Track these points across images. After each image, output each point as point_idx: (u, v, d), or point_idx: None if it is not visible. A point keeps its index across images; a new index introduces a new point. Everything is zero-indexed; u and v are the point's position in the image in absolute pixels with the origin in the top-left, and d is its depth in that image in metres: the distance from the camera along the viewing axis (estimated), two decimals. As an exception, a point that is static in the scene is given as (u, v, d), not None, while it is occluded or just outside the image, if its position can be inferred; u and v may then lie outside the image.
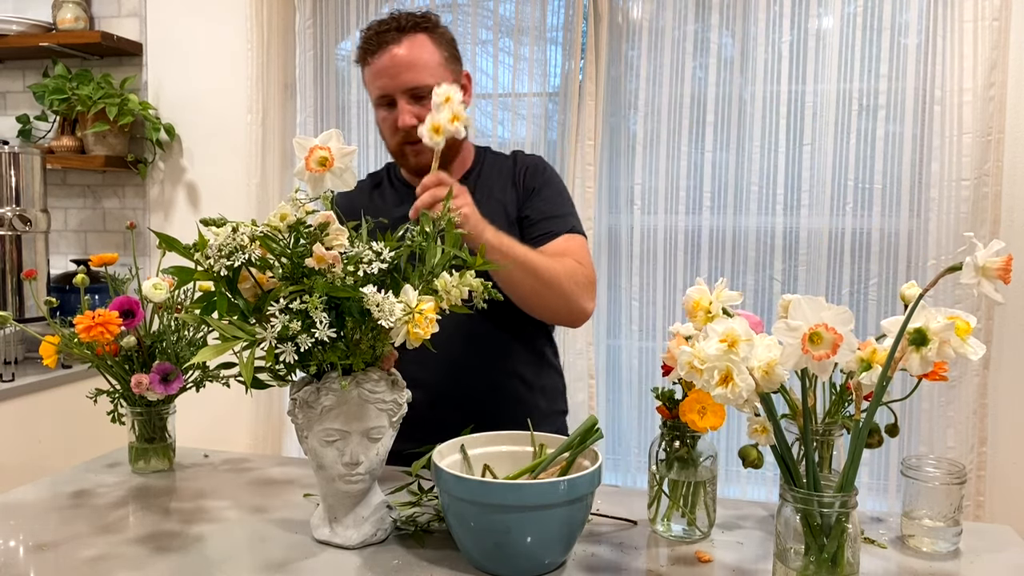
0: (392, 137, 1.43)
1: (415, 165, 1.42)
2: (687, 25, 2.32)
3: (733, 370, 0.80)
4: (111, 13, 2.75)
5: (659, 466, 1.06)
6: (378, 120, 1.45)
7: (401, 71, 1.37)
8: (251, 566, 0.97)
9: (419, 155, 1.40)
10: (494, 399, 1.44)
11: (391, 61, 1.37)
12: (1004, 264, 0.79)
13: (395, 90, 1.38)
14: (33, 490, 1.25)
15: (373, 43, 1.39)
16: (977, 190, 2.09)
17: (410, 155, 1.42)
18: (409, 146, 1.41)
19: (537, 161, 1.53)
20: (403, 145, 1.41)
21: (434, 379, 1.37)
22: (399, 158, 1.47)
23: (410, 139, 1.39)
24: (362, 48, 1.42)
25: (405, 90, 1.38)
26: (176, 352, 1.27)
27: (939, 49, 2.14)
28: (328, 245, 0.94)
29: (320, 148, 0.93)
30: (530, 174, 1.49)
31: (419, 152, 1.40)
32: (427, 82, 1.36)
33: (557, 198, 1.48)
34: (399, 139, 1.41)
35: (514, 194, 1.48)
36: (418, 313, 0.92)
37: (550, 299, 1.34)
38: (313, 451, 1.00)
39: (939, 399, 2.15)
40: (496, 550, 0.92)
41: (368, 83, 1.43)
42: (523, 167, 1.51)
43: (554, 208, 1.46)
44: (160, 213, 2.77)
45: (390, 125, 1.41)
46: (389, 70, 1.38)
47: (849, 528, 0.81)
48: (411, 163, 1.43)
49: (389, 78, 1.38)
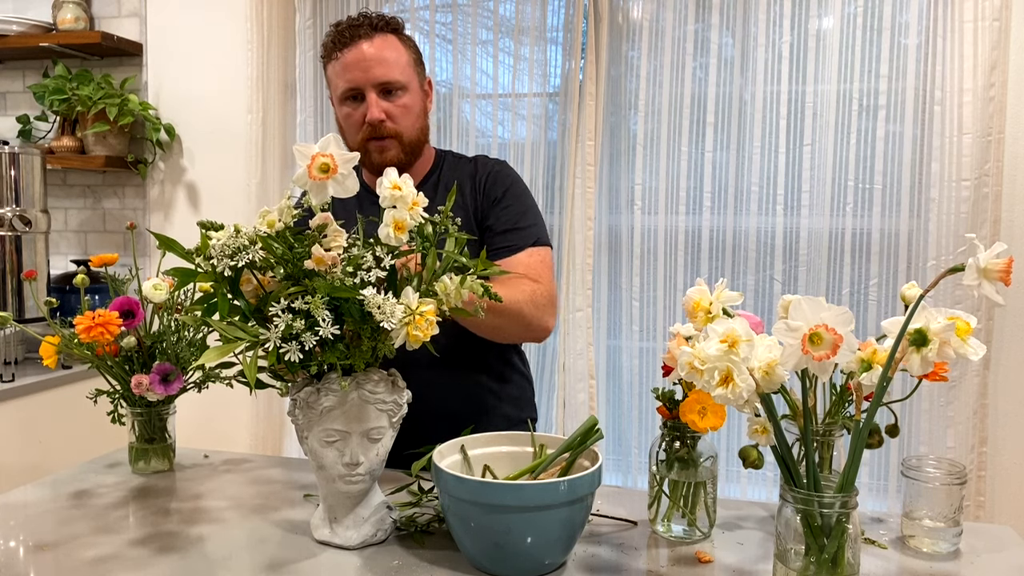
0: (357, 133, 1.41)
1: (379, 162, 1.40)
2: (687, 25, 2.32)
3: (733, 370, 0.80)
4: (111, 13, 2.75)
5: (659, 466, 1.06)
6: (340, 117, 1.44)
7: (372, 65, 1.37)
8: (251, 566, 0.97)
9: (383, 152, 1.40)
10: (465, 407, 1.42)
11: (362, 55, 1.37)
12: (1005, 266, 0.79)
13: (366, 83, 1.37)
14: (33, 490, 1.25)
15: (345, 37, 1.38)
16: (977, 190, 2.09)
17: (374, 152, 1.41)
18: (374, 142, 1.40)
19: (500, 168, 1.50)
20: (368, 141, 1.40)
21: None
22: (363, 154, 1.42)
23: (376, 134, 1.39)
24: (331, 43, 1.40)
25: (376, 84, 1.38)
26: (176, 353, 1.27)
27: (939, 49, 2.13)
28: (327, 247, 0.95)
29: (322, 155, 0.93)
30: (491, 182, 1.47)
31: (384, 149, 1.40)
32: (397, 78, 1.38)
33: (519, 208, 1.46)
34: (364, 134, 1.40)
35: (474, 200, 1.46)
36: (418, 315, 0.92)
37: (513, 329, 1.34)
38: (313, 451, 1.00)
39: (939, 399, 2.15)
40: (496, 550, 0.92)
41: (334, 77, 1.42)
42: (485, 173, 1.48)
43: (517, 220, 1.44)
44: (160, 213, 2.77)
45: (355, 120, 1.40)
46: (360, 63, 1.37)
47: (849, 528, 0.81)
48: (375, 160, 1.41)
49: (360, 71, 1.37)
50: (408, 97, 1.41)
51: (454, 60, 2.54)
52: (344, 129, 1.45)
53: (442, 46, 2.56)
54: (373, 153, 1.41)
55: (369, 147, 1.41)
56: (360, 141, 1.41)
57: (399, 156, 1.42)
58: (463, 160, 1.54)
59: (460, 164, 1.52)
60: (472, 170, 1.50)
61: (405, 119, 1.41)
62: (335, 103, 1.45)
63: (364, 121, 1.39)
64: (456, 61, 2.54)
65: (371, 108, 1.37)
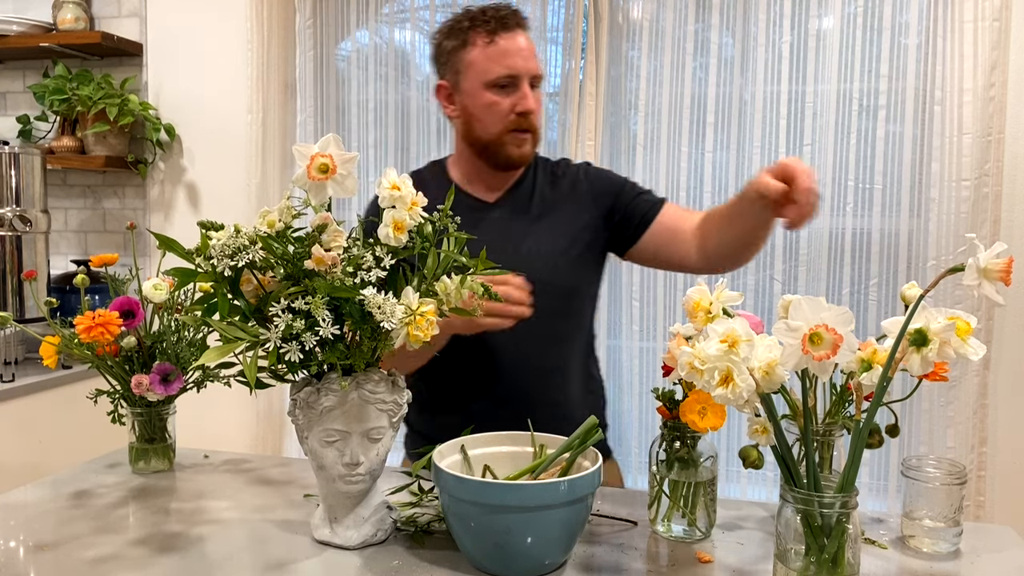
0: (502, 122, 1.37)
1: (516, 155, 1.39)
2: (687, 25, 2.32)
3: (733, 370, 0.80)
4: (111, 13, 2.75)
5: (659, 466, 1.06)
6: (479, 104, 1.38)
7: (530, 56, 1.37)
8: (251, 566, 0.97)
9: (522, 145, 1.39)
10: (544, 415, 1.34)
11: (524, 44, 1.37)
12: (1005, 266, 0.79)
13: (525, 73, 1.36)
14: (33, 490, 1.25)
15: (509, 22, 1.36)
16: (977, 190, 2.09)
17: (512, 144, 1.38)
18: (516, 134, 1.38)
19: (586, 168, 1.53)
20: (511, 132, 1.38)
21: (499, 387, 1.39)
22: (498, 147, 1.39)
23: (522, 126, 1.37)
24: (483, 25, 1.36)
25: (531, 75, 1.37)
26: (176, 353, 1.27)
27: (939, 49, 2.13)
28: (327, 247, 0.94)
29: (321, 156, 0.93)
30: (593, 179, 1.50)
31: (523, 142, 1.39)
32: (542, 74, 1.40)
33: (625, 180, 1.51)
34: (510, 124, 1.37)
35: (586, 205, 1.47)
36: (419, 315, 0.92)
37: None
38: (313, 451, 1.00)
39: (939, 399, 2.15)
40: (496, 551, 0.92)
41: (484, 61, 1.36)
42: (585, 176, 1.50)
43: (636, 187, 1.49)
44: (160, 213, 2.77)
45: (503, 109, 1.36)
46: (523, 52, 1.36)
47: (849, 528, 0.81)
48: (511, 152, 1.39)
49: (522, 60, 1.36)
50: (540, 94, 1.42)
51: (454, 60, 2.54)
52: (478, 118, 1.39)
53: (442, 46, 2.56)
54: (511, 146, 1.39)
55: (507, 139, 1.38)
56: (504, 130, 1.38)
57: (532, 152, 1.42)
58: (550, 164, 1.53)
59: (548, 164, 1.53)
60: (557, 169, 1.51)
61: (541, 115, 1.42)
62: (468, 90, 1.39)
63: (511, 111, 1.36)
64: (456, 61, 2.54)
65: (527, 98, 1.36)
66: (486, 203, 1.46)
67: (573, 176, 1.50)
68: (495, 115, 1.37)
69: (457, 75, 1.40)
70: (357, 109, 2.62)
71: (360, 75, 2.61)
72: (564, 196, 1.47)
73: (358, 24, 2.60)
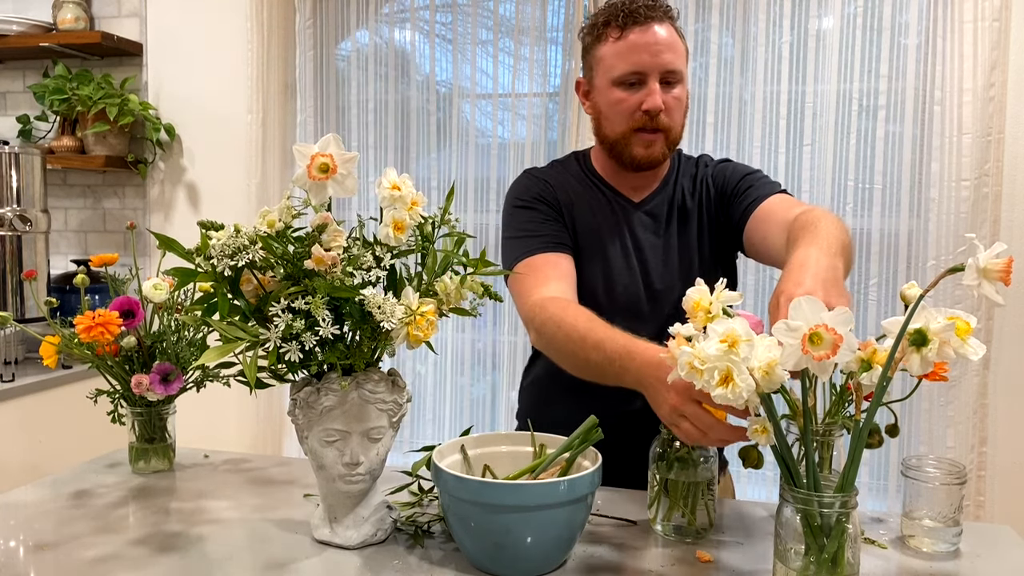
0: (627, 120, 1.30)
1: (643, 156, 1.32)
2: (687, 25, 2.32)
3: (733, 370, 0.79)
4: (111, 13, 2.75)
5: (659, 466, 1.06)
6: (606, 102, 1.32)
7: (663, 50, 1.28)
8: (251, 566, 0.97)
9: (650, 146, 1.31)
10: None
11: (655, 38, 1.27)
12: (1005, 266, 0.78)
13: (653, 68, 1.27)
14: (33, 490, 1.25)
15: (639, 15, 1.28)
16: (977, 190, 2.09)
17: (639, 144, 1.31)
18: (643, 134, 1.30)
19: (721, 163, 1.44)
20: (637, 131, 1.30)
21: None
22: (623, 146, 1.33)
23: (649, 125, 1.29)
24: (615, 19, 1.29)
25: (663, 71, 1.28)
26: (176, 352, 1.27)
27: (939, 49, 2.14)
28: (327, 247, 0.94)
29: (322, 155, 0.93)
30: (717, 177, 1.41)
31: (651, 143, 1.31)
32: (680, 68, 1.30)
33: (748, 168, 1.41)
34: (636, 123, 1.30)
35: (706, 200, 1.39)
36: (419, 315, 0.92)
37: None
38: (313, 451, 1.00)
39: (939, 399, 2.15)
40: (496, 550, 0.92)
41: (611, 57, 1.30)
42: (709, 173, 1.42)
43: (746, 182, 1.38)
44: (160, 213, 2.77)
45: (628, 107, 1.29)
46: (652, 47, 1.27)
47: (849, 528, 0.81)
48: (638, 153, 1.32)
49: (650, 55, 1.27)
50: (681, 90, 1.32)
51: (454, 60, 2.54)
52: (605, 115, 1.34)
53: (442, 46, 2.56)
54: (637, 146, 1.31)
55: (633, 139, 1.31)
56: (629, 130, 1.31)
57: (663, 152, 1.33)
58: (690, 161, 1.45)
59: (688, 167, 1.44)
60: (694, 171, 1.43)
61: (677, 113, 1.32)
62: (599, 87, 1.34)
63: (637, 108, 1.29)
64: (456, 61, 2.54)
65: (653, 95, 1.27)
66: (632, 202, 1.39)
67: (703, 179, 1.41)
68: (621, 113, 1.31)
69: (591, 71, 1.36)
70: (357, 109, 2.62)
71: (360, 75, 2.61)
72: (699, 204, 1.40)
73: (358, 24, 2.60)
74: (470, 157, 2.54)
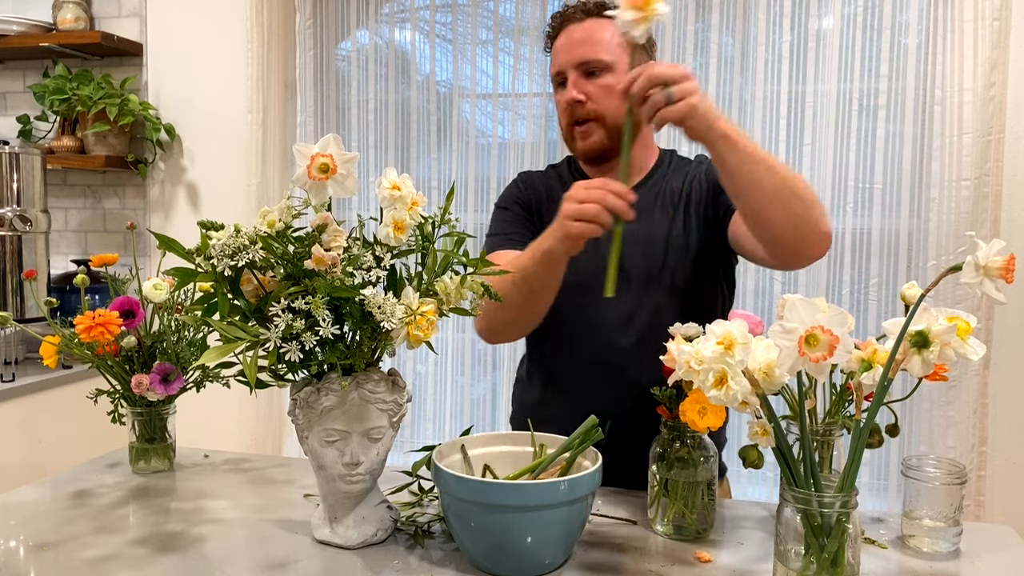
0: (564, 117, 1.35)
1: (583, 149, 1.35)
2: (687, 25, 2.32)
3: (728, 372, 0.80)
4: (111, 13, 2.75)
5: (659, 466, 1.06)
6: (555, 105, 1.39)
7: (576, 46, 1.32)
8: (251, 566, 0.97)
9: (586, 137, 1.34)
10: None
11: (570, 38, 1.33)
12: (1006, 263, 0.78)
13: (568, 65, 1.32)
14: (33, 490, 1.25)
15: (562, 20, 1.35)
16: (977, 190, 2.09)
17: (578, 138, 1.35)
18: (577, 128, 1.34)
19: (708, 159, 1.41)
20: (573, 126, 1.34)
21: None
22: (570, 141, 1.38)
23: (575, 117, 1.33)
24: (547, 34, 1.38)
25: (577, 64, 1.32)
26: (176, 352, 1.27)
27: (939, 49, 2.13)
28: (327, 247, 0.95)
29: (322, 155, 0.93)
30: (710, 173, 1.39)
31: (586, 134, 1.33)
32: (600, 57, 1.31)
33: None
34: (569, 119, 1.34)
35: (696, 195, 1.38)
36: (419, 315, 0.92)
37: (794, 205, 1.11)
38: (313, 451, 1.00)
39: (939, 399, 2.15)
40: (496, 550, 0.92)
41: (550, 66, 1.38)
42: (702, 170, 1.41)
43: None
44: (160, 213, 2.77)
45: (560, 107, 1.35)
46: (567, 46, 1.33)
47: (849, 528, 0.81)
48: (579, 147, 1.36)
49: (565, 54, 1.33)
50: (613, 77, 1.31)
51: (454, 60, 2.54)
52: (558, 118, 1.40)
53: (442, 46, 2.56)
54: (576, 139, 1.36)
55: (573, 133, 1.35)
56: (566, 127, 1.36)
57: (603, 140, 1.33)
58: (685, 161, 1.46)
59: (682, 165, 1.44)
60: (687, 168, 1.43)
61: (608, 100, 1.31)
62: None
63: (566, 106, 1.33)
64: (456, 61, 2.54)
65: (568, 90, 1.32)
66: None
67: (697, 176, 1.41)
68: (560, 114, 1.37)
69: None
70: (357, 109, 2.62)
71: (360, 75, 2.61)
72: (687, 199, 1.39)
73: (358, 24, 2.60)
74: (470, 157, 2.54)
